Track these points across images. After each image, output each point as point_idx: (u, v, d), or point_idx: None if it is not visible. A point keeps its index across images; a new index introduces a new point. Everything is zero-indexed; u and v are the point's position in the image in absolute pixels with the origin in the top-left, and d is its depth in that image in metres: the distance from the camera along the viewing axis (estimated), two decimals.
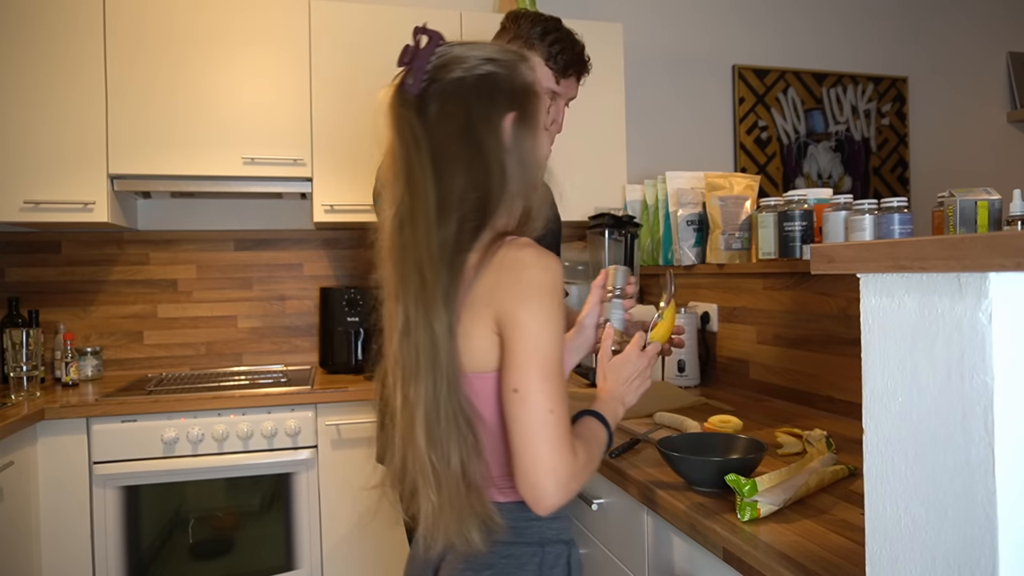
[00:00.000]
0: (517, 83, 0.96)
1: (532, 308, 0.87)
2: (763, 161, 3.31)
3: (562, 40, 1.50)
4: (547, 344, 0.86)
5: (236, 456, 2.14)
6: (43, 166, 2.24)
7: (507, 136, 0.94)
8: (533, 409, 0.86)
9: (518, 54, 1.01)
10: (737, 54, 3.29)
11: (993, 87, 3.70)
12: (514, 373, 0.87)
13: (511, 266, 0.88)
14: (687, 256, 2.27)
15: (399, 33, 2.48)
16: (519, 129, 0.95)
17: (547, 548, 0.97)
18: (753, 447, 1.19)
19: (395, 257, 0.93)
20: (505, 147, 0.94)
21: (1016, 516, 0.55)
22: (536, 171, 0.97)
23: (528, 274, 0.88)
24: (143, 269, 2.66)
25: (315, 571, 2.21)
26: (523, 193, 0.96)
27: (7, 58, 2.21)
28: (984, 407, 0.55)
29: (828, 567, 0.84)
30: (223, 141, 2.37)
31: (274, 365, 2.71)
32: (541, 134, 0.99)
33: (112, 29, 2.28)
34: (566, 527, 1.00)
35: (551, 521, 0.98)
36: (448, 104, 0.93)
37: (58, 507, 2.03)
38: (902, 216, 1.53)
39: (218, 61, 2.37)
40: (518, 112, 0.95)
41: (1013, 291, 0.54)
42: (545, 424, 0.85)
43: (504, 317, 0.88)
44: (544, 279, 0.88)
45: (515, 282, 0.88)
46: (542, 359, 0.86)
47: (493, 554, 0.94)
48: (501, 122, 0.94)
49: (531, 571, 0.95)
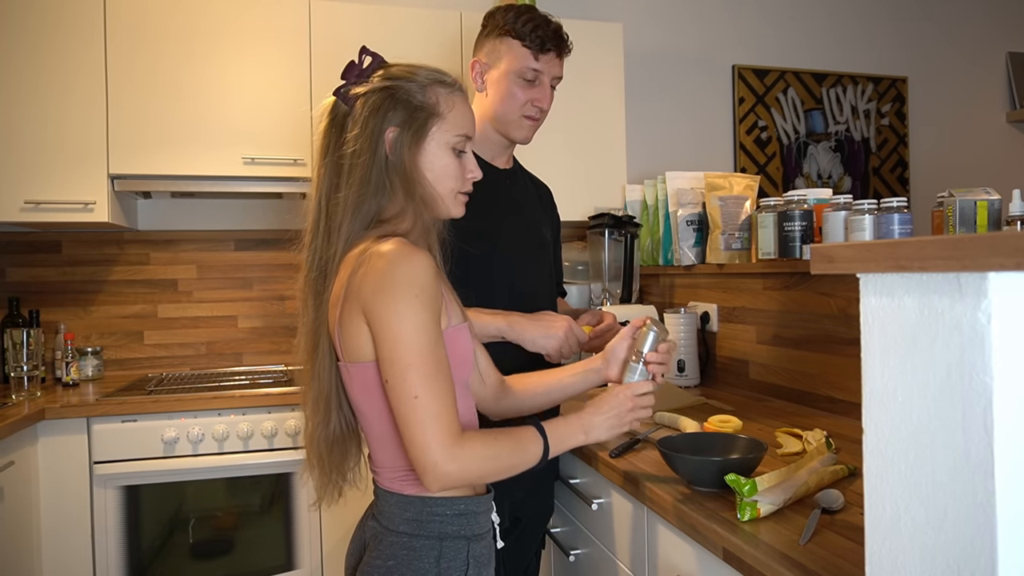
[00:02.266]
0: (412, 101, 1.02)
1: (388, 302, 0.91)
2: (763, 161, 3.31)
3: (535, 19, 1.52)
4: (407, 335, 0.91)
5: (236, 456, 2.14)
6: (43, 166, 2.24)
7: (388, 147, 1.01)
8: (400, 397, 0.91)
9: (436, 78, 1.06)
10: (737, 54, 3.29)
11: (993, 87, 3.70)
12: (382, 365, 0.93)
13: (372, 261, 0.93)
14: (687, 256, 2.27)
15: (399, 33, 2.50)
16: (400, 142, 1.01)
17: (446, 542, 1.01)
18: (753, 447, 1.19)
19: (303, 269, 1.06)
20: (386, 157, 1.01)
21: (1016, 516, 0.55)
22: (416, 184, 1.02)
23: (384, 268, 0.92)
24: (143, 269, 2.66)
25: (315, 571, 2.21)
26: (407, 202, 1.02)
27: (7, 58, 2.21)
28: (984, 407, 0.55)
29: (828, 567, 0.84)
30: (223, 141, 2.37)
31: (274, 365, 2.71)
32: (432, 150, 1.03)
33: (112, 29, 2.28)
34: (470, 522, 1.04)
35: (453, 517, 1.02)
36: (358, 116, 1.02)
37: (58, 507, 2.03)
38: (902, 216, 1.53)
39: (218, 61, 2.37)
40: (400, 127, 1.01)
41: (1013, 291, 0.54)
42: (413, 408, 0.90)
43: (366, 310, 0.93)
44: (400, 273, 0.92)
45: (373, 276, 0.92)
46: (403, 350, 0.91)
47: (395, 545, 1.00)
48: (385, 134, 1.01)
49: (429, 563, 0.99)
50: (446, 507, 1.01)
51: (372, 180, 1.00)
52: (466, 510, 1.03)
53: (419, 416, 0.90)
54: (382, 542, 1.01)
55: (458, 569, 1.00)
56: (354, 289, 0.94)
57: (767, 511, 1.01)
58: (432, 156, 1.04)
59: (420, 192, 1.02)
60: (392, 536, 1.01)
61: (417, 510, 1.00)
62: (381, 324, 0.92)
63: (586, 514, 1.53)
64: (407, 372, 0.91)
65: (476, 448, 0.94)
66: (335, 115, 1.05)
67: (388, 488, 1.03)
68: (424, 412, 0.90)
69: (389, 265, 0.92)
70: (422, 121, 1.03)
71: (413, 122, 1.02)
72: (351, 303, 0.95)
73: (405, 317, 0.91)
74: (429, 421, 0.90)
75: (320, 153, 1.06)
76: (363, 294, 0.93)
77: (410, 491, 1.01)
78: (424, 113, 1.03)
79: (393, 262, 0.92)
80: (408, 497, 1.01)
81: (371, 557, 1.02)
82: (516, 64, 1.51)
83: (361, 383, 0.98)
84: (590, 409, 1.11)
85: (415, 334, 0.91)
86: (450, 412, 0.92)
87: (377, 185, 1.00)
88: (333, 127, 1.05)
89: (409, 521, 1.00)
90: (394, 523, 1.01)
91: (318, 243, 1.03)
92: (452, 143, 1.05)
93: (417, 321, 0.91)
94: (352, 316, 0.95)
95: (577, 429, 1.08)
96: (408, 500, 1.01)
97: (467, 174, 1.08)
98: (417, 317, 0.91)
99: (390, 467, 1.03)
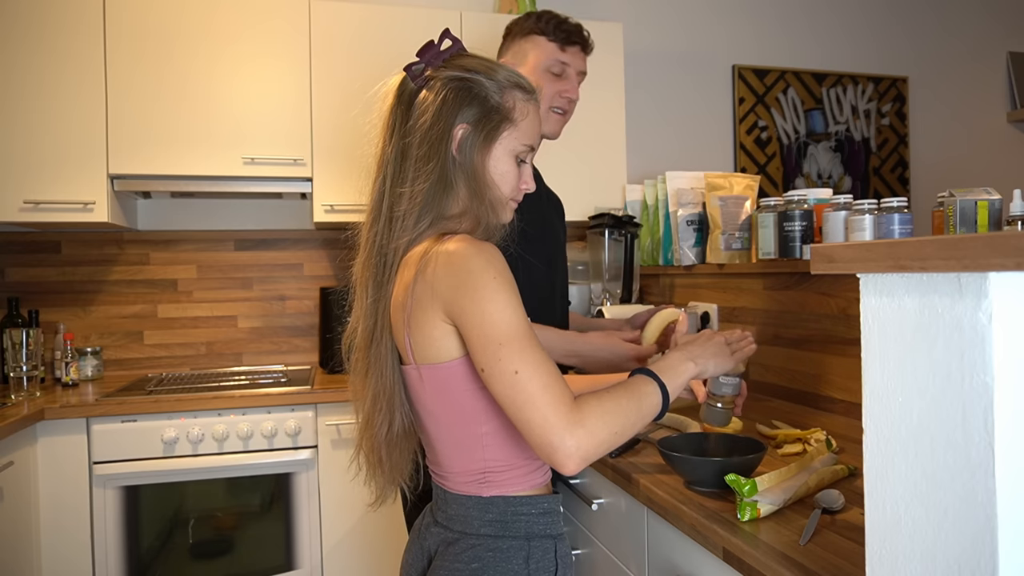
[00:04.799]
0: (489, 100, 0.99)
1: (468, 291, 0.88)
2: (763, 161, 3.31)
3: (557, 17, 1.59)
4: (493, 315, 0.87)
5: (236, 456, 2.14)
6: (43, 166, 2.24)
7: (455, 145, 0.97)
8: (500, 379, 0.86)
9: (515, 81, 1.02)
10: (737, 54, 3.29)
11: (993, 87, 3.70)
12: (476, 357, 0.89)
13: (445, 259, 0.91)
14: (687, 256, 2.27)
15: (399, 33, 2.50)
16: (469, 141, 0.98)
17: (534, 542, 0.97)
18: (753, 447, 1.19)
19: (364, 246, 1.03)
20: (453, 155, 0.97)
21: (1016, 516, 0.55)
22: (484, 186, 0.99)
23: (457, 262, 0.90)
24: (143, 269, 2.66)
25: (315, 571, 2.21)
26: (471, 203, 0.99)
27: (7, 58, 2.21)
28: (984, 407, 0.55)
29: (828, 567, 0.84)
30: (223, 141, 2.37)
31: (274, 365, 2.71)
32: (497, 154, 1.01)
33: (112, 29, 2.28)
34: (555, 521, 1.01)
35: (539, 516, 0.99)
36: (430, 102, 0.98)
37: (58, 507, 2.03)
38: (902, 216, 1.53)
39: (218, 61, 2.37)
40: (472, 126, 0.98)
41: (1013, 291, 0.54)
42: (516, 386, 0.85)
43: (449, 307, 0.90)
44: (473, 262, 0.89)
45: (446, 272, 0.90)
46: (491, 330, 0.87)
47: (480, 547, 0.96)
48: (454, 130, 0.97)
49: (518, 564, 0.96)
50: (531, 506, 0.98)
51: (438, 177, 0.97)
52: (550, 508, 1.00)
53: (527, 391, 0.85)
54: (458, 546, 0.97)
55: (547, 569, 0.97)
56: (427, 289, 0.91)
57: (767, 511, 1.01)
58: (496, 161, 1.01)
59: (489, 196, 1.00)
60: (472, 539, 0.97)
61: (500, 511, 0.97)
62: (466, 313, 0.88)
63: (586, 514, 1.53)
64: (501, 350, 0.86)
65: (593, 407, 0.87)
66: (402, 92, 1.01)
67: (463, 492, 0.99)
68: (530, 384, 0.85)
69: (461, 259, 0.90)
70: (495, 124, 0.99)
71: (487, 123, 0.99)
72: (424, 304, 0.92)
73: (487, 299, 0.88)
74: (538, 393, 0.85)
75: (385, 132, 1.03)
76: (440, 291, 0.90)
77: (490, 492, 0.98)
78: (499, 116, 1.00)
79: (464, 255, 0.90)
80: (488, 499, 0.98)
81: (448, 562, 0.97)
82: (544, 58, 1.56)
83: (436, 385, 0.95)
84: (684, 344, 1.07)
85: (501, 312, 0.87)
86: (557, 380, 0.86)
87: (443, 183, 0.97)
88: (400, 105, 1.01)
89: (492, 523, 0.97)
90: (473, 526, 0.98)
91: (380, 229, 1.00)
92: (517, 151, 1.02)
93: (500, 301, 0.88)
94: (427, 316, 0.92)
95: (682, 359, 1.03)
96: (489, 501, 0.97)
97: (522, 184, 1.05)
98: (499, 296, 0.88)
99: (464, 471, 0.99)
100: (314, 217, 2.46)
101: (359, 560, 2.25)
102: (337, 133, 2.45)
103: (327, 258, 2.82)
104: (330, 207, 2.45)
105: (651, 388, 0.96)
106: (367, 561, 2.26)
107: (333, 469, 2.22)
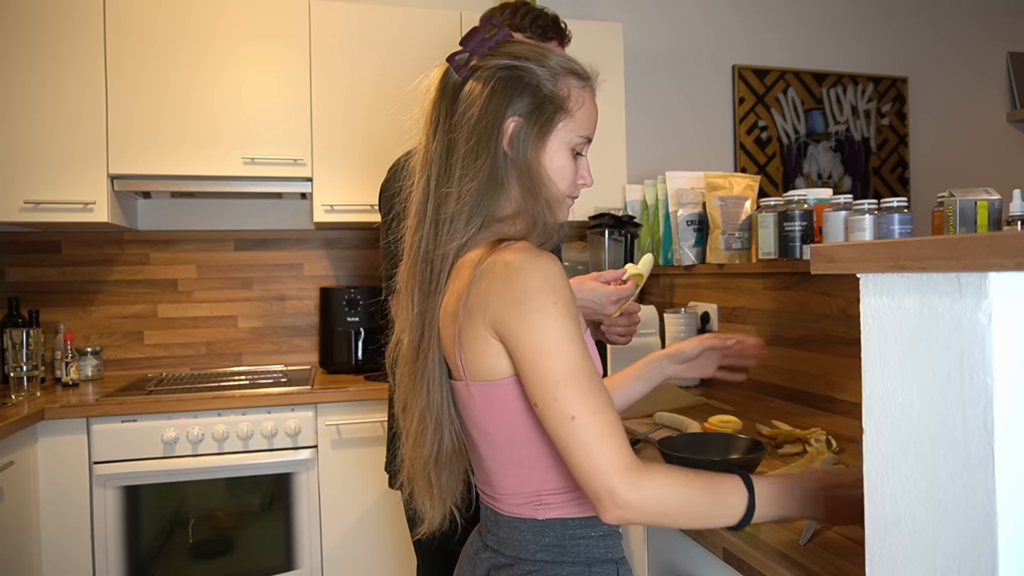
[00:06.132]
0: (543, 89, 0.91)
1: (523, 313, 0.80)
2: (763, 161, 3.31)
3: (532, 12, 1.58)
4: (551, 348, 0.80)
5: (236, 456, 2.14)
6: (43, 166, 2.24)
7: (507, 139, 0.90)
8: (555, 419, 0.79)
9: (570, 67, 0.94)
10: (737, 54, 3.29)
11: (993, 87, 3.70)
12: (528, 389, 0.82)
13: (502, 271, 0.82)
14: (687, 256, 2.27)
15: (399, 33, 2.50)
16: (522, 135, 0.90)
17: (594, 568, 0.91)
18: (753, 447, 1.19)
19: (409, 252, 0.94)
20: (504, 151, 0.90)
21: (1016, 516, 0.55)
22: (539, 183, 0.91)
23: (514, 277, 0.82)
24: (143, 269, 2.66)
25: (315, 571, 2.21)
26: (526, 202, 0.91)
27: (7, 58, 2.21)
28: (984, 407, 0.55)
29: (828, 567, 0.84)
30: (223, 141, 2.37)
31: (274, 365, 2.71)
32: (553, 148, 0.93)
33: (112, 29, 2.28)
34: (615, 544, 0.94)
35: (599, 539, 0.92)
36: (477, 93, 0.90)
37: (58, 507, 2.03)
38: (902, 216, 1.53)
39: (218, 61, 2.37)
40: (525, 118, 0.90)
41: (1013, 291, 0.54)
42: (572, 432, 0.78)
43: (500, 327, 0.83)
44: (532, 281, 0.81)
45: (501, 287, 0.82)
46: (550, 365, 0.79)
47: (537, 574, 0.90)
48: (504, 124, 0.89)
49: None
50: (591, 528, 0.91)
51: (488, 175, 0.89)
52: (610, 531, 0.93)
53: (582, 440, 0.78)
54: (512, 571, 0.91)
55: None
56: (479, 303, 0.84)
57: None
58: (551, 155, 0.92)
59: (545, 194, 0.91)
60: (528, 565, 0.90)
61: (558, 535, 0.90)
62: (518, 339, 0.81)
63: None
64: (558, 390, 0.79)
65: (658, 478, 0.78)
66: (445, 85, 0.93)
67: (517, 515, 0.92)
68: (586, 434, 0.78)
69: (519, 273, 0.81)
70: (550, 114, 0.91)
71: (541, 114, 0.90)
72: (475, 318, 0.84)
73: (546, 328, 0.80)
74: (594, 443, 0.77)
75: (430, 127, 0.94)
76: (492, 308, 0.83)
77: (546, 515, 0.90)
78: (553, 106, 0.91)
79: (522, 269, 0.81)
80: (545, 521, 0.90)
81: None
82: None
83: (489, 403, 0.88)
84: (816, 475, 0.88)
85: (559, 345, 0.80)
86: (616, 432, 0.79)
87: (493, 181, 0.89)
88: (444, 99, 0.93)
89: (548, 548, 0.90)
90: (528, 551, 0.91)
91: (425, 233, 0.91)
92: (574, 144, 0.94)
93: (560, 331, 0.80)
94: (478, 332, 0.85)
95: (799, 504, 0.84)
96: (545, 524, 0.90)
97: (579, 180, 0.96)
98: (559, 326, 0.80)
99: (518, 492, 0.91)
100: (314, 217, 2.46)
101: (359, 560, 2.25)
102: (337, 133, 2.45)
103: (327, 258, 2.82)
104: (330, 207, 2.45)
105: (737, 501, 0.82)
106: (367, 561, 2.26)
107: (333, 469, 2.22)
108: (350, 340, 2.53)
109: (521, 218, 0.91)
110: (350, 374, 2.51)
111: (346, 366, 2.53)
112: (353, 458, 2.23)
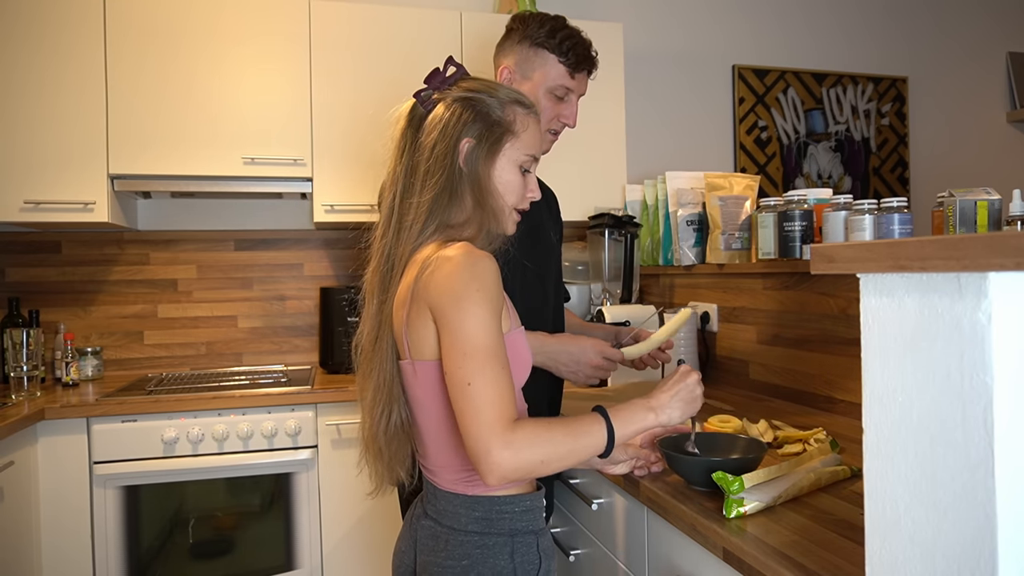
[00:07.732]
0: (491, 115, 1.07)
1: (452, 299, 0.94)
2: (763, 161, 3.31)
3: (572, 37, 1.53)
4: (466, 327, 0.93)
5: (236, 456, 2.14)
6: (43, 166, 2.24)
7: (462, 157, 1.05)
8: (454, 386, 0.92)
9: (515, 98, 1.10)
10: (737, 54, 3.29)
11: (993, 87, 3.70)
12: (444, 360, 0.95)
13: (443, 263, 0.96)
14: (687, 256, 2.27)
15: (399, 33, 2.50)
16: (475, 154, 1.05)
17: (517, 538, 1.04)
18: (753, 447, 1.20)
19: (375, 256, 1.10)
20: (459, 167, 1.05)
21: (1016, 516, 0.55)
22: (488, 195, 1.06)
23: (451, 269, 0.95)
24: (143, 269, 2.66)
25: (315, 571, 2.21)
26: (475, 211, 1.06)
27: (7, 58, 2.21)
28: (984, 407, 0.55)
29: (828, 567, 0.84)
30: (223, 141, 2.37)
31: (274, 365, 2.71)
32: (502, 164, 1.08)
33: (112, 29, 2.28)
34: (536, 517, 1.07)
35: (522, 513, 1.05)
36: (436, 121, 1.06)
37: (58, 507, 2.03)
38: (902, 216, 1.53)
39: (218, 61, 2.37)
40: (477, 139, 1.05)
41: (1013, 291, 0.54)
42: (466, 396, 0.91)
43: (433, 308, 0.96)
44: (465, 272, 0.94)
45: (440, 277, 0.96)
46: (461, 340, 0.92)
47: (467, 544, 1.02)
48: (460, 144, 1.04)
49: (504, 559, 1.02)
50: (514, 504, 1.04)
51: (444, 187, 1.04)
52: (531, 506, 1.06)
53: (473, 404, 0.90)
54: (448, 542, 1.03)
55: (531, 563, 1.04)
56: (422, 290, 0.97)
57: (754, 508, 1.02)
58: (500, 171, 1.08)
59: (491, 204, 1.07)
60: (460, 536, 1.03)
61: (486, 509, 1.03)
62: (445, 319, 0.94)
63: (586, 514, 1.53)
64: (463, 360, 0.92)
65: (528, 431, 0.91)
66: (413, 117, 1.09)
67: (451, 490, 1.05)
68: (477, 398, 0.90)
69: (456, 266, 0.95)
70: (498, 136, 1.07)
71: (490, 136, 1.06)
72: (419, 303, 0.98)
73: (466, 311, 0.93)
74: (482, 407, 0.90)
75: (396, 153, 1.10)
76: (430, 293, 0.96)
77: (475, 491, 1.03)
78: (501, 129, 1.07)
79: (460, 263, 0.95)
80: (475, 497, 1.03)
81: (439, 557, 1.04)
82: (550, 81, 1.52)
83: (427, 381, 1.01)
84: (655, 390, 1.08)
85: (474, 327, 0.93)
86: (504, 400, 0.91)
87: (449, 192, 1.04)
88: (410, 128, 1.09)
89: (479, 520, 1.03)
90: (461, 522, 1.03)
91: (389, 239, 1.08)
92: (521, 161, 1.10)
93: (478, 316, 0.93)
94: (420, 315, 0.98)
95: (642, 408, 1.04)
96: (476, 500, 1.03)
97: (527, 193, 1.12)
98: (478, 312, 0.93)
99: (452, 467, 1.04)
100: (314, 217, 2.46)
101: (359, 560, 2.25)
102: (337, 133, 2.45)
103: (327, 258, 2.82)
104: (330, 207, 2.45)
105: (596, 428, 0.97)
106: (367, 561, 2.26)
107: (333, 469, 2.22)
108: (350, 340, 2.52)
109: (470, 225, 1.06)
110: (350, 374, 2.50)
111: (346, 366, 2.53)
112: (353, 458, 2.23)
